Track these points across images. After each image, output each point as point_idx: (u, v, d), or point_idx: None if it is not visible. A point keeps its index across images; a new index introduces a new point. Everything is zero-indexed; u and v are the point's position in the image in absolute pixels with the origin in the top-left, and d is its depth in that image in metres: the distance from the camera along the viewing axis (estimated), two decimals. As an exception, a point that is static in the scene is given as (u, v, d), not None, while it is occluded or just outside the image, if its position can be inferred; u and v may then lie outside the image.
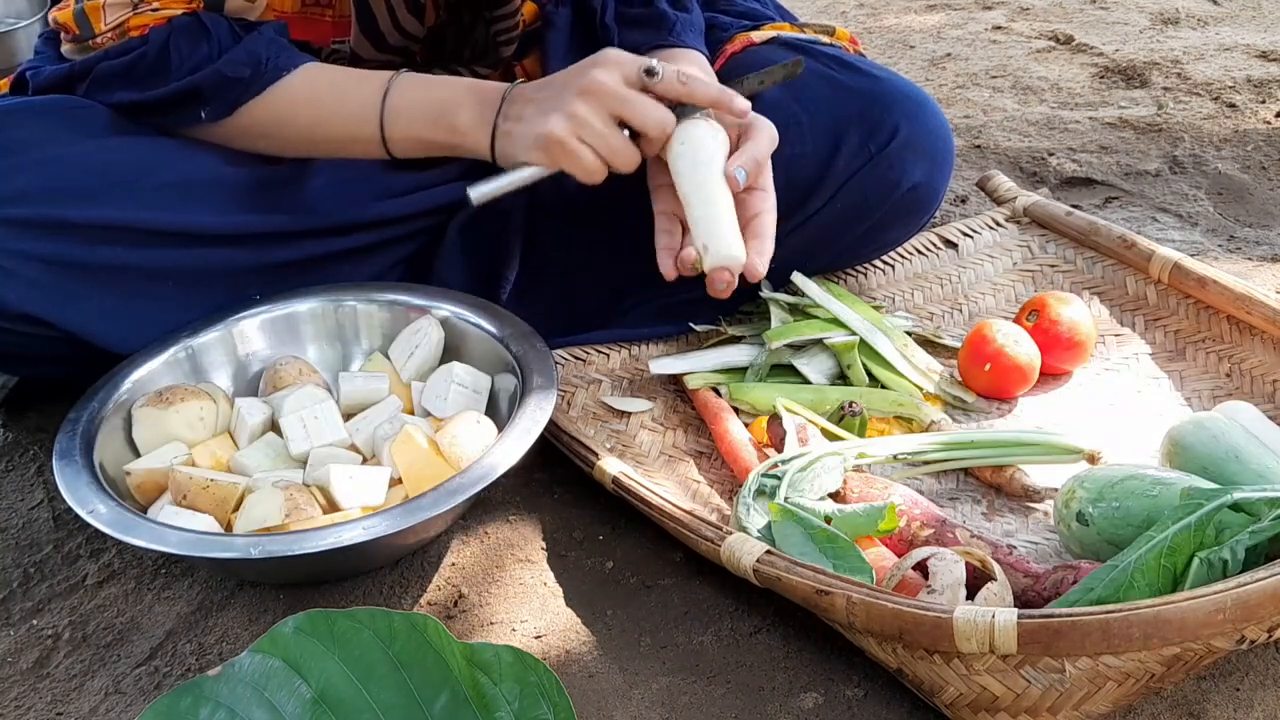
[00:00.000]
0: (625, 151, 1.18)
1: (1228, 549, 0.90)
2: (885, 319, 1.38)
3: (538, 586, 1.13)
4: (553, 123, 1.17)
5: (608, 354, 1.39)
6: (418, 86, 1.26)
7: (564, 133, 1.16)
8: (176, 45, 1.23)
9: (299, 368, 1.26)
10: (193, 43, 1.24)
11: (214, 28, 1.24)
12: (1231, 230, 1.71)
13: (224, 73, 1.23)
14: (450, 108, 1.24)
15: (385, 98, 1.25)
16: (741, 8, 1.52)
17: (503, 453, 1.09)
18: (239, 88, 1.24)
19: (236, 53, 1.23)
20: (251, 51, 1.24)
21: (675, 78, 1.18)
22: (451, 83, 1.28)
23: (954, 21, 2.60)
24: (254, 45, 1.24)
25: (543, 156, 1.19)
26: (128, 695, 1.04)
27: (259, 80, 1.24)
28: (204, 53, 1.23)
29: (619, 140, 1.18)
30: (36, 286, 1.18)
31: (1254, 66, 2.24)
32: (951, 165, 1.40)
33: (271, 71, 1.24)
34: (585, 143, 1.17)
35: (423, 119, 1.25)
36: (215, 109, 1.26)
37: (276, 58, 1.25)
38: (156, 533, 1.03)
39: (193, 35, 1.24)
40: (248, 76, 1.24)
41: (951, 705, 0.94)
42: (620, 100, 1.17)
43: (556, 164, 1.19)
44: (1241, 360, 1.31)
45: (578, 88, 1.17)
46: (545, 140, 1.17)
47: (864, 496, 1.11)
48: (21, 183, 1.17)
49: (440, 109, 1.24)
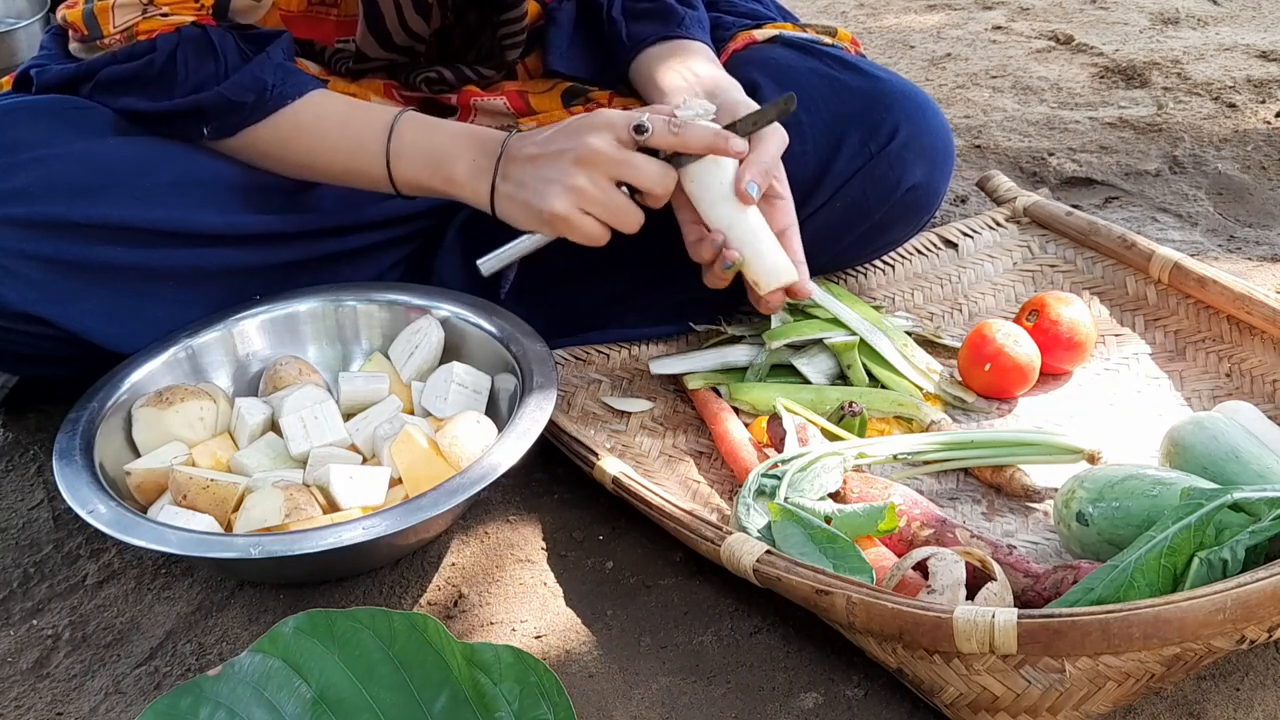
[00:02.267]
0: (629, 212, 1.17)
1: (1228, 549, 0.90)
2: (885, 319, 1.38)
3: (538, 586, 1.13)
4: (553, 200, 1.16)
5: (608, 354, 1.39)
6: (418, 130, 1.24)
7: (566, 209, 1.16)
8: (184, 58, 1.23)
9: (299, 368, 1.26)
10: (200, 58, 1.23)
11: (222, 45, 1.24)
12: (1231, 230, 1.71)
13: (228, 96, 1.23)
14: (448, 158, 1.22)
15: (390, 139, 1.23)
16: (743, 8, 1.52)
17: (503, 453, 1.09)
18: (243, 112, 1.24)
19: (242, 76, 1.23)
20: (257, 77, 1.23)
21: (666, 130, 1.16)
22: (450, 130, 1.25)
23: (954, 21, 2.60)
24: (260, 71, 1.24)
25: (548, 231, 1.19)
26: (128, 695, 1.04)
27: (263, 106, 1.24)
28: (210, 70, 1.23)
29: (622, 205, 1.17)
30: (36, 285, 1.18)
31: (1254, 66, 2.24)
32: (952, 165, 1.40)
33: (276, 99, 1.24)
34: (588, 213, 1.17)
35: (422, 166, 1.23)
36: (217, 129, 1.26)
37: (283, 84, 1.24)
38: (156, 533, 1.03)
39: (200, 50, 1.24)
40: (251, 102, 1.24)
41: (951, 705, 0.94)
42: (617, 165, 1.15)
43: (561, 235, 1.19)
44: (1241, 360, 1.31)
45: (574, 157, 1.15)
46: (550, 218, 1.17)
47: (864, 496, 1.11)
48: (21, 181, 1.17)
49: (439, 158, 1.23)
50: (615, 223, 1.17)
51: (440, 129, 1.25)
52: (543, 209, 1.16)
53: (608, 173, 1.16)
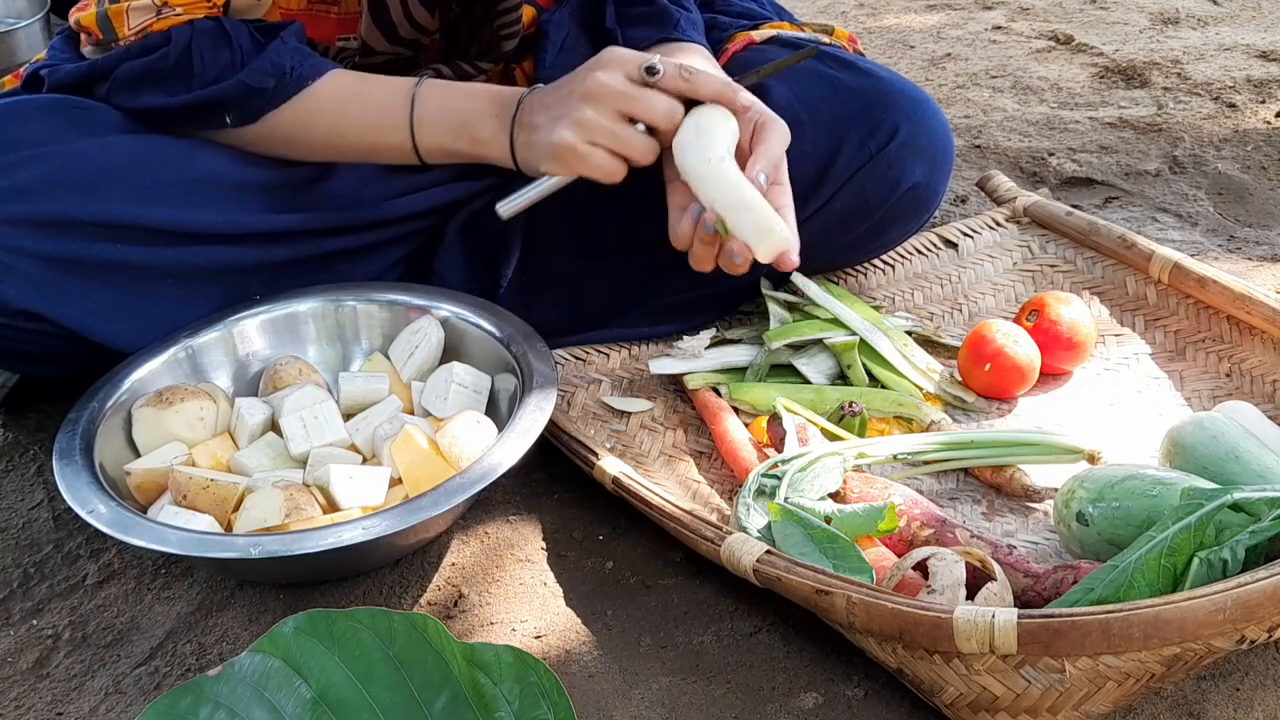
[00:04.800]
0: (639, 144, 1.18)
1: (1228, 549, 0.90)
2: (885, 319, 1.38)
3: (538, 586, 1.13)
4: (561, 132, 1.17)
5: (608, 354, 1.39)
6: (440, 96, 1.26)
7: (573, 139, 1.17)
8: (199, 49, 1.23)
9: (299, 368, 1.26)
10: (216, 48, 1.24)
11: (236, 35, 1.24)
12: (1231, 230, 1.71)
13: (248, 83, 1.24)
14: (471, 119, 1.24)
15: (413, 107, 1.25)
16: (739, 8, 1.52)
17: (503, 453, 1.09)
18: (264, 97, 1.25)
19: (261, 62, 1.23)
20: (276, 62, 1.24)
21: (677, 73, 1.17)
22: (473, 92, 1.27)
23: (954, 21, 2.60)
24: (278, 55, 1.24)
25: (558, 166, 1.19)
26: (128, 695, 1.04)
27: (284, 90, 1.25)
28: (226, 60, 1.24)
29: (630, 134, 1.17)
30: (36, 283, 1.18)
31: (1254, 66, 2.24)
32: (951, 165, 1.40)
33: (296, 81, 1.25)
34: (597, 145, 1.17)
35: (447, 130, 1.25)
36: (240, 116, 1.26)
37: (301, 66, 1.25)
38: (156, 533, 1.03)
39: (216, 41, 1.24)
40: (272, 86, 1.24)
41: (951, 705, 0.94)
42: (624, 98, 1.17)
43: (573, 171, 1.19)
44: (1241, 360, 1.31)
45: (581, 93, 1.17)
46: (557, 150, 1.17)
47: (864, 496, 1.11)
48: (22, 179, 1.17)
49: (462, 120, 1.24)
50: (625, 152, 1.18)
51: (461, 91, 1.27)
52: (551, 141, 1.17)
53: (614, 106, 1.16)
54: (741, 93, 1.18)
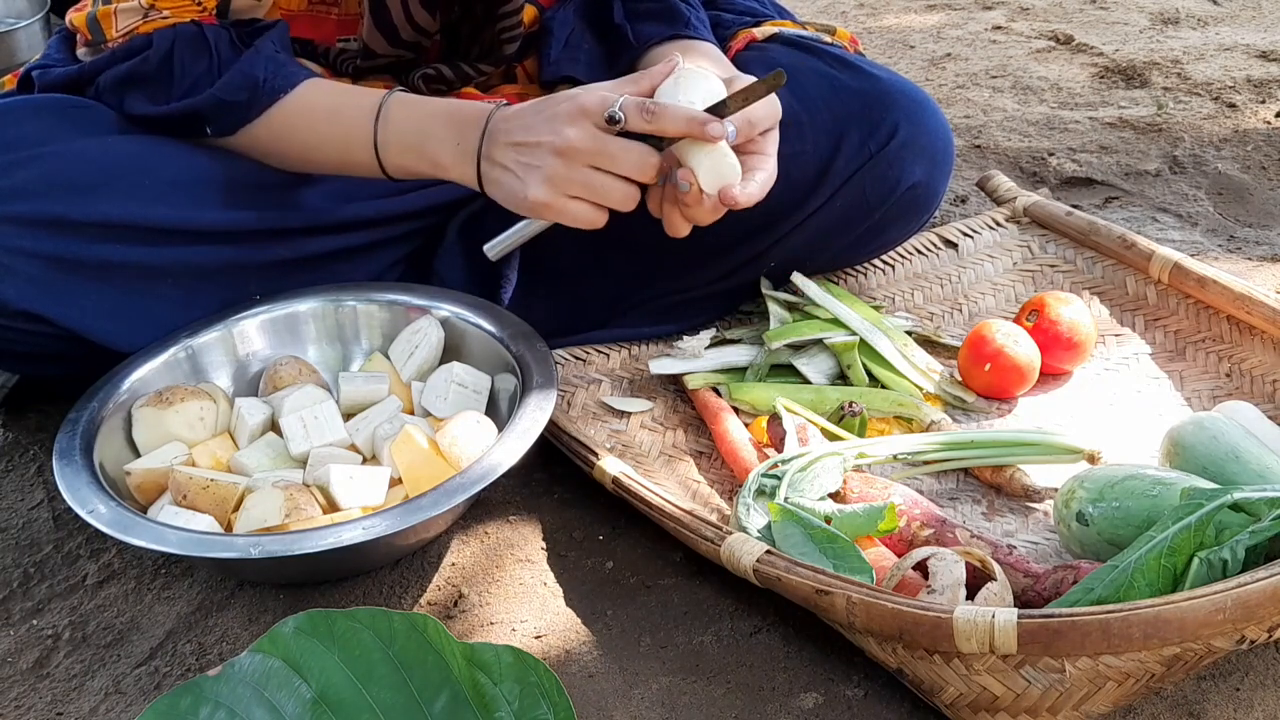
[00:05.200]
0: (617, 193, 1.14)
1: (1228, 549, 0.90)
2: (885, 319, 1.38)
3: (538, 586, 1.13)
4: (535, 189, 1.14)
5: (608, 354, 1.39)
6: (402, 115, 1.22)
7: (548, 198, 1.13)
8: (179, 56, 1.23)
9: (299, 368, 1.26)
10: (194, 55, 1.23)
11: (216, 42, 1.24)
12: (1231, 230, 1.71)
13: (221, 97, 1.23)
14: (430, 141, 1.20)
15: (377, 126, 1.22)
16: (741, 5, 1.52)
17: (503, 453, 1.09)
18: (238, 110, 1.24)
19: (233, 75, 1.23)
20: (248, 74, 1.23)
21: (639, 116, 1.12)
22: (430, 110, 1.23)
23: (954, 21, 2.60)
24: (251, 67, 1.23)
25: (537, 217, 1.17)
26: (128, 695, 1.04)
27: (257, 103, 1.24)
28: (203, 67, 1.23)
29: (606, 184, 1.13)
30: (35, 283, 1.18)
31: (1254, 66, 2.24)
32: (951, 165, 1.40)
33: (268, 95, 1.24)
34: (573, 197, 1.14)
35: (407, 151, 1.22)
36: (217, 129, 1.26)
37: (274, 78, 1.24)
38: (156, 533, 1.03)
39: (195, 48, 1.24)
40: (245, 100, 1.24)
41: (951, 705, 0.94)
42: (595, 155, 1.12)
43: (552, 221, 1.17)
44: (1241, 360, 1.31)
45: (552, 149, 1.13)
46: (533, 207, 1.15)
47: (864, 496, 1.11)
48: (21, 179, 1.18)
49: (421, 142, 1.21)
50: (605, 203, 1.14)
51: (421, 109, 1.23)
52: (526, 196, 1.15)
53: (586, 162, 1.13)
54: (711, 124, 1.11)
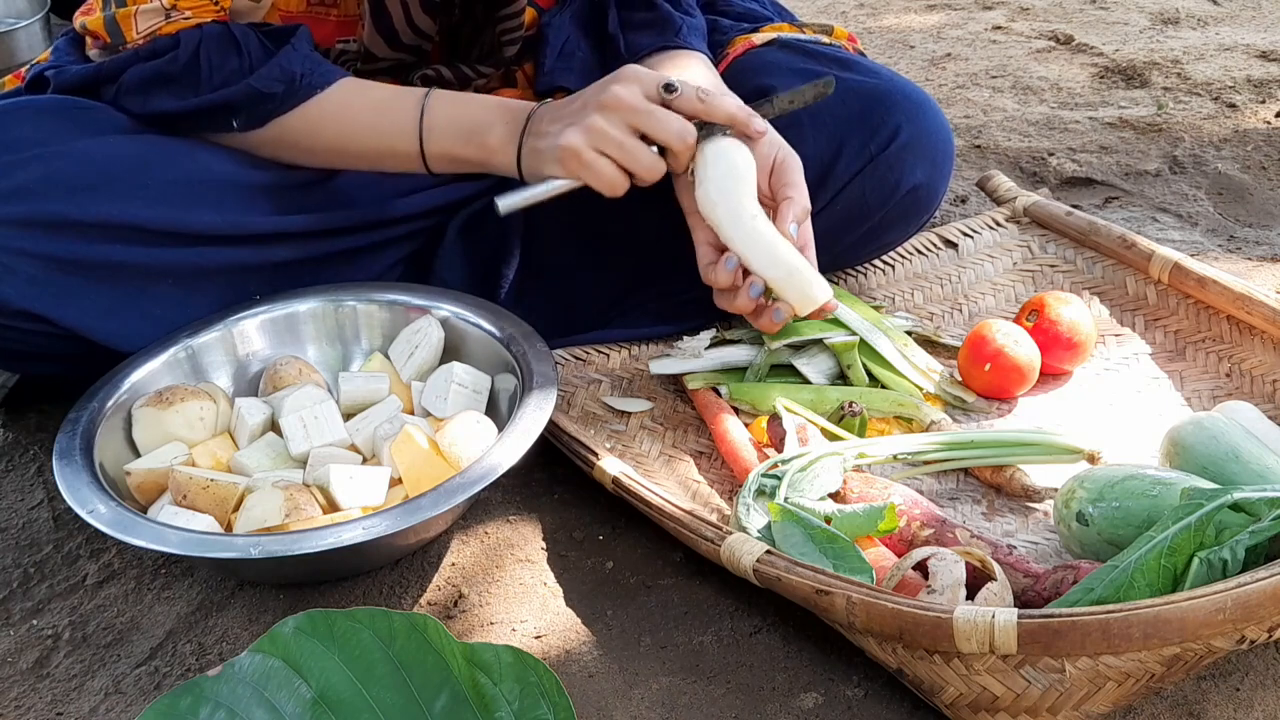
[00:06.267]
0: (646, 160, 1.18)
1: (1228, 549, 0.90)
2: (885, 319, 1.38)
3: (538, 586, 1.13)
4: (569, 135, 1.18)
5: (608, 354, 1.39)
6: (451, 105, 1.27)
7: (580, 145, 1.17)
8: (207, 54, 1.24)
9: (299, 368, 1.26)
10: (223, 53, 1.24)
11: (245, 40, 1.25)
12: (1231, 230, 1.71)
13: (256, 88, 1.24)
14: (482, 126, 1.25)
15: (422, 115, 1.26)
16: (740, 9, 1.52)
17: (503, 453, 1.09)
18: (273, 102, 1.25)
19: (270, 68, 1.24)
20: (286, 69, 1.24)
21: (694, 94, 1.18)
22: (483, 101, 1.29)
23: (954, 21, 2.60)
24: (288, 62, 1.25)
25: (561, 169, 1.19)
26: (128, 695, 1.04)
27: (293, 96, 1.25)
28: (234, 65, 1.24)
29: (639, 148, 1.18)
30: (36, 283, 1.18)
31: (1254, 66, 2.24)
32: (951, 166, 1.40)
33: (306, 88, 1.26)
34: (603, 154, 1.17)
35: (456, 136, 1.26)
36: (247, 120, 1.27)
37: (311, 74, 1.26)
38: (156, 533, 1.03)
39: (224, 46, 1.24)
40: (281, 92, 1.25)
41: (951, 705, 0.94)
42: (637, 113, 1.17)
43: (575, 176, 1.19)
44: (1241, 360, 1.31)
45: (596, 103, 1.18)
46: (561, 153, 1.18)
47: (864, 496, 1.11)
48: (22, 179, 1.18)
49: (473, 127, 1.26)
50: (631, 166, 1.18)
51: (472, 101, 1.29)
52: (558, 144, 1.18)
53: (627, 119, 1.17)
54: (755, 119, 1.19)
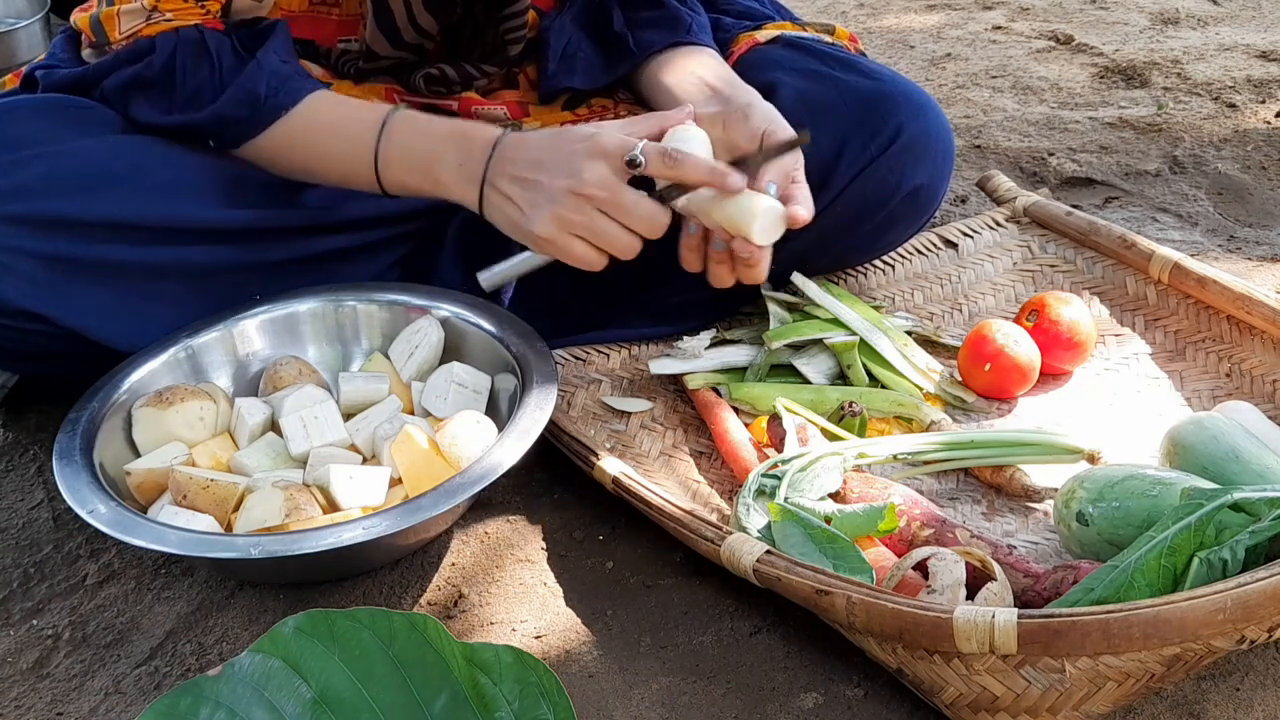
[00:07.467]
0: (622, 242, 1.15)
1: (1228, 549, 0.90)
2: (885, 319, 1.38)
3: (538, 586, 1.13)
4: (539, 224, 1.15)
5: (608, 354, 1.39)
6: (407, 132, 1.23)
7: (553, 233, 1.15)
8: (181, 60, 1.23)
9: (299, 368, 1.26)
10: (196, 62, 1.24)
11: (217, 49, 1.24)
12: (1231, 230, 1.71)
13: (222, 114, 1.24)
14: (434, 161, 1.21)
15: (379, 143, 1.23)
16: (740, 7, 1.52)
17: (503, 453, 1.09)
18: (240, 127, 1.25)
19: (235, 91, 1.23)
20: (249, 90, 1.23)
21: (661, 161, 1.14)
22: (438, 132, 1.24)
23: (954, 21, 2.60)
24: (252, 83, 1.23)
25: (536, 250, 1.18)
26: (128, 695, 1.04)
27: (258, 119, 1.24)
28: (204, 75, 1.23)
29: (612, 231, 1.15)
30: (35, 282, 1.18)
31: (1254, 66, 2.24)
32: (952, 167, 1.40)
33: (270, 111, 1.24)
34: (577, 236, 1.15)
35: (409, 168, 1.23)
36: (219, 143, 1.27)
37: (275, 95, 1.24)
38: (156, 533, 1.03)
39: (196, 54, 1.24)
40: (246, 116, 1.24)
41: (951, 705, 0.94)
42: (608, 203, 1.13)
43: (551, 256, 1.18)
44: (1241, 360, 1.31)
45: (566, 187, 1.14)
46: (536, 241, 1.16)
47: (864, 496, 1.11)
48: (22, 178, 1.18)
49: (426, 161, 1.22)
50: (607, 248, 1.16)
51: (425, 128, 1.24)
52: (532, 230, 1.16)
53: (597, 206, 1.14)
54: (731, 175, 1.14)
